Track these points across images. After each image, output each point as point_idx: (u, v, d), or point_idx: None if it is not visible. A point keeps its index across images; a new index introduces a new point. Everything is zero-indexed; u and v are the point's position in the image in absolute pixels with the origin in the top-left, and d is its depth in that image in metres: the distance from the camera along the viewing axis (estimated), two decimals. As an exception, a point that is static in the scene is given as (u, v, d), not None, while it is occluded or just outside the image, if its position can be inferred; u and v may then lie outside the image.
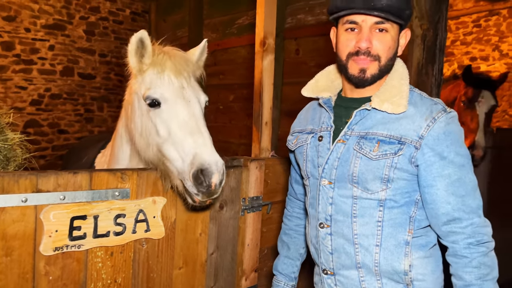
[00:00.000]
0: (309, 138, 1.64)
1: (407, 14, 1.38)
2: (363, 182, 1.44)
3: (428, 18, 2.99)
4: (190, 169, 1.58)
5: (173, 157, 1.66)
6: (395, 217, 1.44)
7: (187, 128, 1.64)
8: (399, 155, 1.39)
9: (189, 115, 1.68)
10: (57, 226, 1.60)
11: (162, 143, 1.70)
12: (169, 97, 1.71)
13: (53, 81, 6.85)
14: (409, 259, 1.43)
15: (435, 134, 1.37)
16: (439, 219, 1.40)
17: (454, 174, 1.37)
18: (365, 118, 1.48)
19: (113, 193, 1.74)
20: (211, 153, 1.59)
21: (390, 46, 1.41)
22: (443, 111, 1.40)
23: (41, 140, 6.79)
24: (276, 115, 4.66)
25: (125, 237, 1.78)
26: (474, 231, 1.36)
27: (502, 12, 7.19)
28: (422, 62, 3.03)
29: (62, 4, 6.83)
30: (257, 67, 2.51)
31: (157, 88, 1.72)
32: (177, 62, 1.78)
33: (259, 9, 2.48)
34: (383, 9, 1.34)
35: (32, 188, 1.55)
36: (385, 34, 1.40)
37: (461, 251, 1.37)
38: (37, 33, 6.63)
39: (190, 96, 1.75)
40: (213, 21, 5.85)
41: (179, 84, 1.74)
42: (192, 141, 1.61)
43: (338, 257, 1.52)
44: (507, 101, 7.23)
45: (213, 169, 1.55)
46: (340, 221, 1.50)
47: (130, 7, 7.63)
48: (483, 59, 7.53)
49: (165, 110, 1.70)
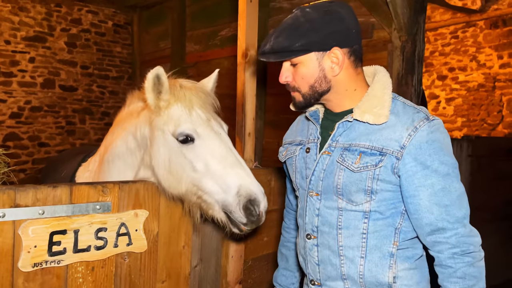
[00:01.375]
0: (298, 149, 1.65)
1: (298, 46, 1.38)
2: (347, 194, 1.44)
3: (407, 30, 3.06)
4: (238, 201, 1.63)
5: (214, 191, 1.68)
6: (380, 229, 1.43)
7: (226, 161, 1.69)
8: (380, 166, 1.38)
9: (225, 149, 1.72)
10: (36, 242, 1.57)
11: (200, 178, 1.70)
12: (202, 132, 1.73)
13: (33, 94, 6.76)
14: (393, 271, 1.42)
15: (417, 144, 1.36)
16: (423, 230, 1.39)
17: (437, 183, 1.35)
18: (349, 129, 1.48)
19: (94, 206, 1.71)
20: (256, 183, 1.67)
21: (303, 76, 1.44)
22: (425, 119, 1.39)
23: (21, 153, 6.66)
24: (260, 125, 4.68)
25: (107, 251, 1.76)
26: (458, 241, 1.34)
27: (478, 24, 7.40)
28: (401, 73, 3.10)
29: (43, 16, 6.78)
30: (240, 78, 2.52)
31: (188, 124, 1.73)
32: (201, 96, 1.81)
33: (241, 21, 2.50)
34: (267, 53, 1.43)
35: (10, 203, 1.52)
36: (297, 67, 1.44)
37: (446, 261, 1.36)
38: (17, 45, 6.55)
39: (218, 128, 1.80)
40: (196, 33, 5.88)
41: (206, 118, 1.78)
42: (234, 174, 1.66)
43: (324, 268, 1.52)
44: (485, 110, 7.41)
45: (260, 198, 1.64)
46: (326, 232, 1.50)
47: (112, 19, 7.61)
48: (461, 69, 7.72)
49: (200, 145, 1.72)
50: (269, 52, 1.43)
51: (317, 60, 1.42)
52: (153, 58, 6.87)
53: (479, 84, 7.46)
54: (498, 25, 7.16)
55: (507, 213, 4.24)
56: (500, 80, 7.20)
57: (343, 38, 1.41)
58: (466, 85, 7.64)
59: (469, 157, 3.73)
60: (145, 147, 1.87)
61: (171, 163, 1.75)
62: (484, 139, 5.07)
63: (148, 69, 1.76)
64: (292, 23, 1.41)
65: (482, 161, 3.67)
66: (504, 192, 4.20)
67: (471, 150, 3.77)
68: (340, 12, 1.41)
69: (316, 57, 1.42)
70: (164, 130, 1.76)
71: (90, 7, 7.31)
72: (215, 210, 1.72)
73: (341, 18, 1.40)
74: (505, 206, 4.22)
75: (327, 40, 1.39)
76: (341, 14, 1.40)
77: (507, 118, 7.15)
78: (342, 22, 1.40)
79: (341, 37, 1.40)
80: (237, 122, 2.56)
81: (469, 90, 7.61)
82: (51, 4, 6.87)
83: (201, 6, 5.82)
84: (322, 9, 1.41)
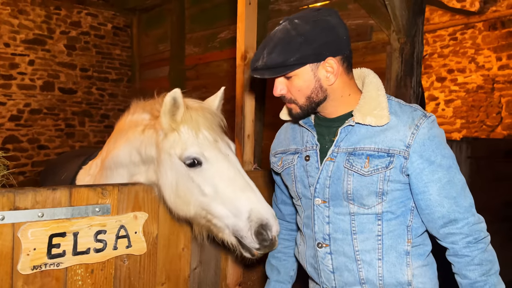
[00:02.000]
0: (295, 158, 1.62)
1: (293, 60, 1.38)
2: (358, 199, 1.44)
3: (405, 32, 3.07)
4: (249, 226, 1.58)
5: (223, 215, 1.64)
6: (393, 228, 1.45)
7: (235, 184, 1.64)
8: (390, 168, 1.40)
9: (234, 171, 1.68)
10: (36, 244, 1.57)
11: (209, 202, 1.66)
12: (209, 155, 1.68)
13: (33, 96, 6.76)
14: (411, 269, 1.45)
15: (420, 141, 1.39)
16: (436, 223, 1.42)
17: (443, 177, 1.39)
18: (350, 133, 1.48)
19: (94, 209, 1.71)
20: (267, 207, 1.62)
21: (299, 88, 1.44)
22: (424, 116, 1.42)
23: (21, 156, 6.66)
24: (259, 127, 4.69)
25: (106, 253, 1.75)
26: (471, 230, 1.39)
27: (477, 26, 7.42)
28: (400, 75, 3.11)
29: (42, 19, 6.79)
30: (239, 80, 2.52)
31: (195, 147, 1.68)
32: (207, 116, 1.76)
33: (240, 24, 2.50)
34: (260, 69, 1.43)
35: (10, 205, 1.52)
36: (292, 80, 1.44)
37: (461, 250, 1.39)
38: (17, 48, 6.56)
39: (226, 149, 1.75)
40: (195, 36, 5.89)
41: (213, 140, 1.72)
42: (244, 198, 1.62)
43: (341, 275, 1.51)
44: (484, 111, 7.42)
45: (272, 222, 1.58)
46: (340, 239, 1.49)
47: (112, 22, 7.62)
48: (460, 71, 7.73)
49: (208, 168, 1.67)
50: (263, 68, 1.43)
51: (312, 72, 1.42)
52: (152, 61, 6.88)
53: (478, 85, 7.47)
54: (496, 27, 7.18)
55: (507, 214, 4.24)
56: (499, 82, 7.22)
57: (335, 47, 1.41)
58: (465, 86, 7.66)
59: (468, 158, 3.74)
60: (149, 163, 1.84)
61: (178, 186, 1.71)
62: (483, 141, 5.07)
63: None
64: (283, 37, 1.40)
65: (481, 162, 3.68)
66: (503, 193, 4.20)
67: (470, 152, 3.78)
68: (329, 21, 1.41)
69: (311, 69, 1.42)
70: (171, 154, 1.72)
71: (89, 9, 7.33)
72: (225, 233, 1.68)
73: (331, 28, 1.40)
74: (505, 207, 4.23)
75: (320, 51, 1.39)
76: (330, 23, 1.40)
77: (506, 120, 7.16)
78: (332, 31, 1.40)
79: (333, 46, 1.41)
80: (236, 124, 2.56)
81: (468, 92, 7.63)
82: (51, 7, 6.88)
83: (200, 8, 5.84)
84: (311, 20, 1.40)
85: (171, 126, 1.71)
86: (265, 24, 4.70)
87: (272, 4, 4.73)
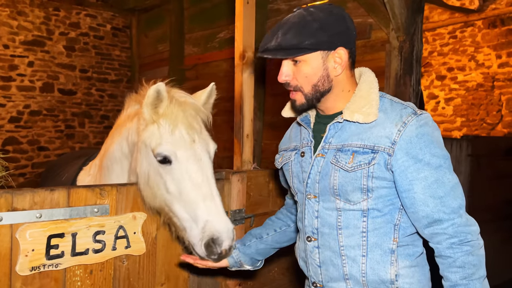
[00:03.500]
0: (293, 155, 1.65)
1: (307, 44, 1.40)
2: (344, 194, 1.46)
3: (404, 30, 3.06)
4: (201, 237, 1.58)
5: (183, 217, 1.65)
6: (379, 226, 1.45)
7: (199, 191, 1.61)
8: (373, 164, 1.40)
9: (202, 177, 1.64)
10: (34, 245, 1.56)
11: (172, 200, 1.67)
12: (181, 156, 1.65)
13: (32, 98, 6.76)
14: (395, 268, 1.43)
15: (407, 138, 1.38)
16: (421, 222, 1.40)
17: (430, 176, 1.37)
18: (340, 130, 1.50)
19: (92, 209, 1.71)
20: (223, 221, 1.59)
21: (306, 75, 1.45)
22: (413, 114, 1.41)
23: (21, 157, 6.66)
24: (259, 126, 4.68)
25: (105, 254, 1.75)
26: (456, 231, 1.35)
27: (477, 24, 7.41)
28: (400, 73, 3.10)
29: (41, 20, 6.79)
30: (237, 80, 2.52)
31: (168, 145, 1.65)
32: (189, 114, 1.71)
33: (238, 23, 2.50)
34: (276, 48, 1.42)
35: (8, 206, 1.51)
36: (299, 65, 1.45)
37: (445, 251, 1.37)
38: (16, 49, 6.56)
39: (202, 152, 1.70)
40: (194, 36, 5.88)
41: (190, 139, 1.68)
42: (204, 207, 1.60)
43: (326, 270, 1.52)
44: (484, 109, 7.41)
45: (223, 237, 1.57)
46: (327, 233, 1.51)
47: (111, 23, 7.62)
48: (459, 69, 7.72)
49: (177, 169, 1.65)
50: (276, 48, 1.42)
51: (322, 59, 1.44)
52: (152, 61, 6.88)
53: (478, 83, 7.46)
54: (496, 24, 7.16)
55: (508, 212, 4.23)
56: (499, 80, 7.21)
57: (346, 39, 1.44)
58: (465, 85, 7.64)
59: (468, 156, 3.73)
60: (133, 152, 1.86)
61: (149, 177, 1.73)
62: (483, 139, 5.06)
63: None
64: (299, 21, 1.42)
65: (481, 160, 3.68)
66: (504, 191, 4.20)
67: (471, 150, 3.78)
68: (342, 14, 1.45)
69: (321, 56, 1.44)
70: (147, 145, 1.73)
71: (88, 10, 7.33)
72: (184, 233, 1.69)
73: (344, 20, 1.44)
74: (506, 205, 4.22)
75: (333, 40, 1.42)
76: (343, 16, 1.44)
77: (507, 118, 7.15)
78: (345, 23, 1.44)
79: (345, 37, 1.44)
80: (235, 124, 2.55)
81: (468, 90, 7.61)
82: (50, 8, 6.88)
83: (199, 8, 5.83)
84: (326, 10, 1.43)
85: (152, 117, 1.70)
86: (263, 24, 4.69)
87: (271, 4, 4.73)
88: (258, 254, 1.86)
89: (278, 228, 1.87)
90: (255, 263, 1.88)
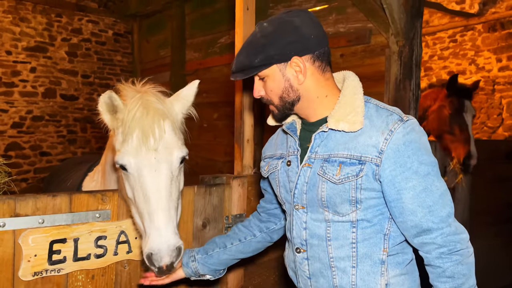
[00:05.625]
0: (279, 163, 1.63)
1: (258, 62, 1.43)
2: (332, 206, 1.43)
3: (403, 35, 3.08)
4: (144, 246, 1.54)
5: (137, 222, 1.63)
6: (369, 237, 1.42)
7: (148, 203, 1.54)
8: (361, 176, 1.37)
9: (152, 189, 1.55)
10: (36, 251, 1.58)
11: (130, 203, 1.66)
12: (135, 166, 1.56)
13: (35, 103, 6.80)
14: (385, 278, 1.41)
15: (394, 147, 1.34)
16: (410, 232, 1.38)
17: (418, 185, 1.34)
18: (326, 139, 1.47)
19: (94, 215, 1.72)
20: (162, 238, 1.50)
21: (271, 88, 1.48)
22: (399, 121, 1.37)
23: (23, 163, 6.69)
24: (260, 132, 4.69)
25: (107, 259, 1.76)
26: (445, 240, 1.33)
27: (477, 27, 7.42)
28: (399, 78, 3.11)
29: (43, 26, 6.83)
30: (238, 85, 2.54)
31: (124, 154, 1.57)
32: (150, 119, 1.58)
33: (238, 29, 2.52)
34: (234, 72, 1.51)
35: (10, 212, 1.53)
36: (266, 81, 1.49)
37: (434, 261, 1.36)
38: (18, 55, 6.60)
39: (159, 161, 1.58)
40: (195, 41, 5.91)
41: (148, 147, 1.57)
42: (149, 220, 1.53)
43: (316, 281, 1.50)
44: (485, 113, 7.41)
45: (162, 254, 1.49)
46: (316, 245, 1.48)
47: (112, 28, 7.66)
48: (460, 73, 7.72)
49: (131, 178, 1.59)
50: (235, 71, 1.51)
51: (280, 72, 1.45)
52: (153, 66, 6.91)
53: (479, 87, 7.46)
54: (496, 28, 7.18)
55: (509, 216, 4.23)
56: (499, 83, 7.21)
57: (300, 46, 1.42)
58: (465, 88, 7.64)
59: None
60: None
61: (118, 177, 1.77)
62: (484, 142, 5.07)
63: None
64: (250, 40, 1.47)
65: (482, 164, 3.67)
66: (505, 195, 4.19)
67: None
68: (293, 22, 1.41)
69: (279, 69, 1.44)
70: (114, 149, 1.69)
71: (90, 16, 7.38)
72: None
73: (295, 27, 1.41)
74: (507, 209, 4.22)
75: (284, 51, 1.41)
76: (295, 23, 1.41)
77: (507, 121, 7.15)
78: (296, 31, 1.41)
79: (298, 45, 1.42)
80: (236, 129, 2.57)
81: (469, 94, 7.60)
82: (52, 15, 6.93)
83: (200, 14, 5.87)
84: (277, 21, 1.43)
85: (112, 124, 1.65)
86: (264, 29, 4.71)
87: (271, 9, 4.75)
88: (220, 264, 1.82)
89: (243, 238, 1.83)
90: (216, 273, 1.84)
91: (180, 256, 1.54)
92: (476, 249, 1.46)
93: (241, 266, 2.28)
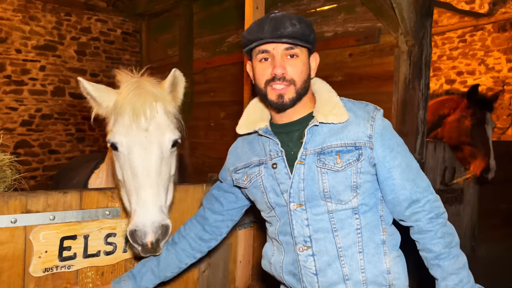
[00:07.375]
0: (262, 169, 1.59)
1: (312, 38, 1.51)
2: (335, 195, 1.47)
3: (413, 34, 3.06)
4: (128, 222, 1.53)
5: (125, 202, 1.63)
6: (369, 220, 1.51)
7: (136, 180, 1.53)
8: (361, 160, 1.47)
9: (141, 167, 1.55)
10: (47, 247, 1.59)
11: (119, 184, 1.65)
12: (126, 144, 1.58)
13: (44, 102, 6.85)
14: (388, 258, 1.51)
15: (379, 131, 1.49)
16: (402, 206, 1.51)
17: (403, 162, 1.51)
18: (314, 135, 1.51)
19: (104, 212, 1.74)
20: (147, 213, 1.49)
21: (302, 70, 1.49)
22: (375, 109, 1.53)
23: (32, 160, 6.74)
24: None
25: (116, 256, 1.78)
26: (431, 206, 1.50)
27: (486, 27, 7.36)
28: (409, 77, 3.09)
29: (53, 25, 6.88)
30: (246, 84, 2.54)
31: (115, 133, 1.60)
32: (142, 99, 1.60)
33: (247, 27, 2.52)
34: (290, 36, 1.42)
35: (22, 209, 1.55)
36: (296, 59, 1.47)
37: (425, 226, 1.49)
38: (28, 54, 6.65)
39: (151, 140, 1.59)
40: (203, 40, 5.92)
41: (139, 127, 1.58)
42: (136, 197, 1.52)
43: (324, 276, 1.49)
44: (494, 114, 7.34)
45: (147, 230, 1.46)
46: (322, 239, 1.49)
47: (121, 27, 7.70)
48: (469, 73, 7.67)
49: (121, 157, 1.60)
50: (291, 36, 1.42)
51: (307, 58, 1.53)
52: (161, 65, 6.93)
53: (488, 88, 7.40)
54: (506, 28, 7.11)
55: (518, 217, 4.19)
56: (509, 84, 7.14)
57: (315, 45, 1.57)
58: (475, 89, 7.58)
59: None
60: None
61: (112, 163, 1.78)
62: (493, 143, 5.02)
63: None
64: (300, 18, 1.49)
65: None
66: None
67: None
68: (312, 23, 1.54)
69: (309, 55, 1.54)
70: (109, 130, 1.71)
71: (99, 15, 7.42)
72: None
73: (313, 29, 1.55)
74: (516, 210, 4.18)
75: (315, 43, 1.54)
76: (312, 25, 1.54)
77: (517, 122, 7.08)
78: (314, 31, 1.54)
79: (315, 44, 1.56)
80: (245, 128, 2.57)
81: (478, 94, 7.54)
82: (61, 13, 6.98)
83: (208, 13, 5.88)
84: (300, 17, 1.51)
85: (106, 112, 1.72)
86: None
87: (280, 8, 4.75)
88: None
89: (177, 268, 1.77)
90: None
91: (167, 236, 1.51)
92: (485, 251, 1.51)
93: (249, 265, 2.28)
